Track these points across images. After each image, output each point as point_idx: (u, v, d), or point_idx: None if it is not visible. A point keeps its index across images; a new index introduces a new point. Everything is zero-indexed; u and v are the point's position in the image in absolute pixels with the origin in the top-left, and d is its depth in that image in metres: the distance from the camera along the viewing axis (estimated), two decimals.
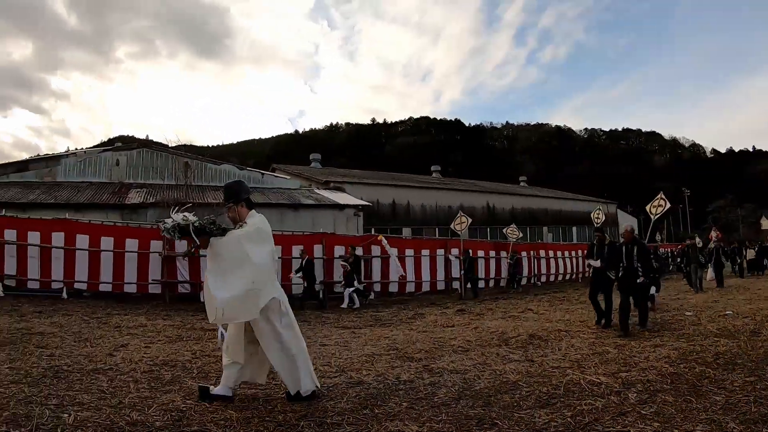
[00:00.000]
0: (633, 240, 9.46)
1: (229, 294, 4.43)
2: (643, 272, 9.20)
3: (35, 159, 28.62)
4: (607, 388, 5.28)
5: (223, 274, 4.52)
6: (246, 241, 4.57)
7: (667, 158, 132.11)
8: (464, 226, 18.99)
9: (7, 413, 4.19)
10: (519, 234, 22.13)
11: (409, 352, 7.52)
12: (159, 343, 8.11)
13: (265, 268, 4.64)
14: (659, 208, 12.79)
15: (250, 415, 4.47)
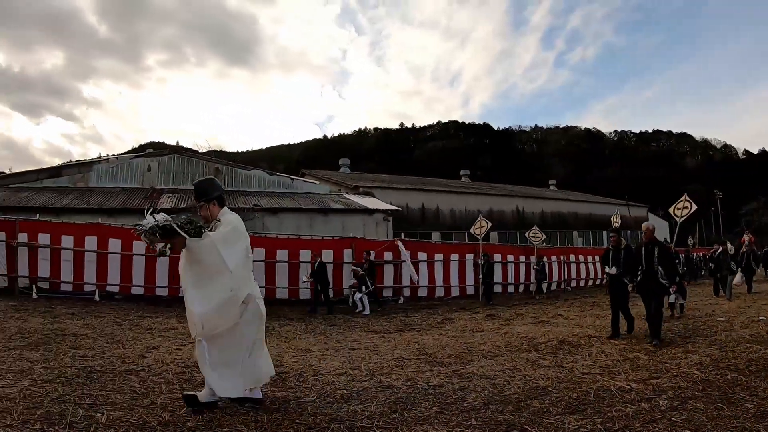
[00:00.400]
0: (653, 240, 8.90)
1: (207, 307, 4.34)
2: (665, 277, 8.56)
3: (68, 165, 29.13)
4: (638, 395, 5.20)
5: (200, 286, 4.41)
6: (222, 244, 4.43)
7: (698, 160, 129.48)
8: (484, 230, 18.77)
9: (42, 411, 4.23)
10: (542, 236, 21.67)
11: (438, 357, 7.48)
12: (190, 345, 8.12)
13: (241, 270, 4.53)
14: (684, 210, 12.40)
15: (280, 417, 4.48)
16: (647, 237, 8.94)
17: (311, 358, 7.36)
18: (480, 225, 18.90)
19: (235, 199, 23.41)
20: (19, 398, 4.54)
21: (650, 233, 8.93)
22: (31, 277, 13.53)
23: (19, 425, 3.90)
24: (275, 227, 20.94)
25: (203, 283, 4.41)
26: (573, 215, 46.19)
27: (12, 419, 3.99)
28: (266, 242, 15.94)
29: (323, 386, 5.65)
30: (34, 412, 4.21)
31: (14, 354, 6.48)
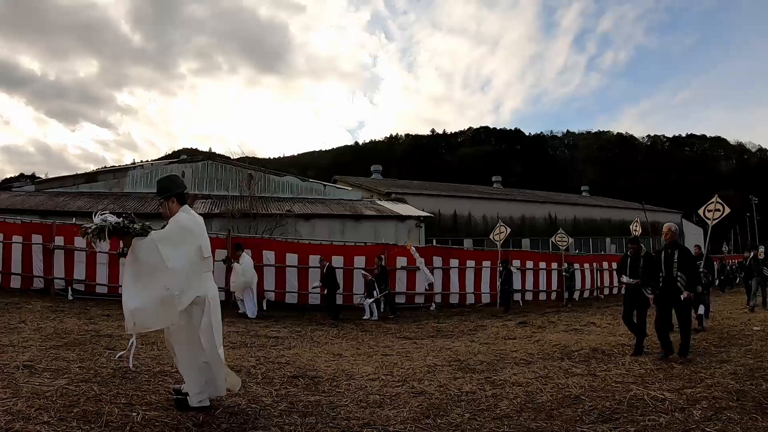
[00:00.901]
0: (674, 243, 7.99)
1: (139, 303, 4.29)
2: (686, 285, 7.56)
3: (104, 170, 29.67)
4: (672, 404, 5.08)
5: (136, 283, 4.37)
6: (163, 243, 4.37)
7: (733, 164, 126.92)
8: (503, 237, 18.52)
9: (78, 410, 4.26)
10: (569, 240, 21.38)
11: (470, 364, 7.41)
12: (224, 348, 8.16)
13: (184, 271, 4.39)
14: (716, 213, 11.64)
15: (314, 420, 4.48)
16: (668, 239, 8.12)
17: (344, 363, 7.34)
18: (499, 231, 18.67)
19: (268, 206, 23.58)
20: (56, 396, 4.58)
21: (672, 235, 8.06)
22: (67, 279, 13.79)
23: (56, 422, 3.93)
24: (308, 233, 21.01)
25: (140, 280, 4.37)
26: (606, 222, 45.54)
27: (49, 416, 4.03)
28: (299, 248, 16.01)
29: (356, 391, 5.62)
30: (70, 410, 4.24)
31: (51, 353, 6.57)
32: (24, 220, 14.86)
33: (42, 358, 6.17)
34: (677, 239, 8.22)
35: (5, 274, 13.69)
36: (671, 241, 8.03)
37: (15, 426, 3.79)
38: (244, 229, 19.31)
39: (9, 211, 17.76)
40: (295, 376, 6.22)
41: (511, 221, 35.19)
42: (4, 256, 13.80)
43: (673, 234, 8.06)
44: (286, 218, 21.60)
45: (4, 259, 13.79)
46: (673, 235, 8.05)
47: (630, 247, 9.16)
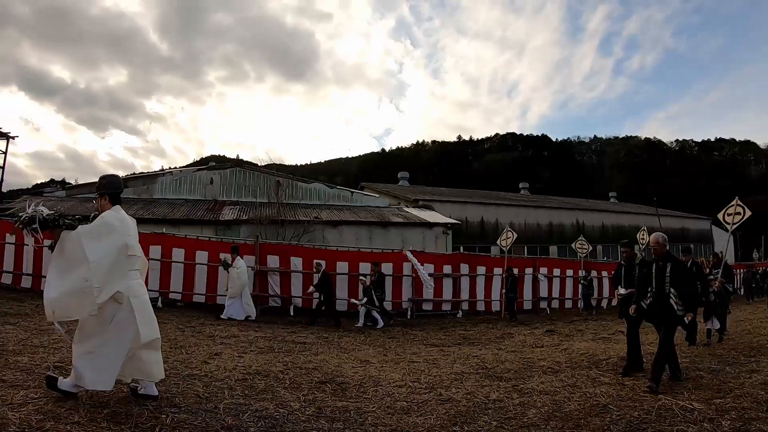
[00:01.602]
0: (666, 256, 7.07)
1: (57, 293, 4.38)
2: (680, 302, 6.61)
3: (134, 177, 30.08)
4: (700, 415, 5.02)
5: (58, 273, 4.47)
6: (86, 237, 4.47)
7: (763, 169, 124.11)
8: (509, 242, 18.24)
9: (108, 411, 4.30)
10: (588, 247, 21.08)
11: (497, 372, 7.37)
12: (251, 353, 8.23)
13: (104, 265, 4.46)
14: (736, 217, 10.94)
15: (341, 426, 4.50)
16: (657, 252, 7.20)
17: (371, 370, 7.33)
18: (506, 236, 18.49)
19: (295, 212, 23.69)
20: (86, 397, 4.62)
21: (661, 247, 7.15)
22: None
23: (86, 422, 3.97)
24: (335, 240, 21.08)
25: (62, 272, 4.47)
26: (634, 228, 44.61)
27: (79, 417, 4.07)
28: (326, 254, 16.04)
29: (383, 397, 5.61)
30: (100, 411, 4.28)
31: None
32: None
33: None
34: (669, 251, 7.31)
35: (36, 276, 13.94)
36: (661, 253, 7.14)
37: (46, 425, 3.83)
38: (272, 236, 19.42)
39: None
40: (322, 382, 6.22)
41: (538, 228, 35.06)
42: (35, 259, 14.05)
43: (662, 246, 7.19)
44: (313, 225, 21.69)
45: (35, 262, 14.04)
46: (662, 247, 7.17)
47: (623, 251, 9.19)
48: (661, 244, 7.14)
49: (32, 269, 14.00)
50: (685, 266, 7.40)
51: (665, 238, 7.25)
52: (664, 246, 7.14)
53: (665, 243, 7.17)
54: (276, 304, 15.02)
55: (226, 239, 16.37)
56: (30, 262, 14.09)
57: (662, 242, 7.15)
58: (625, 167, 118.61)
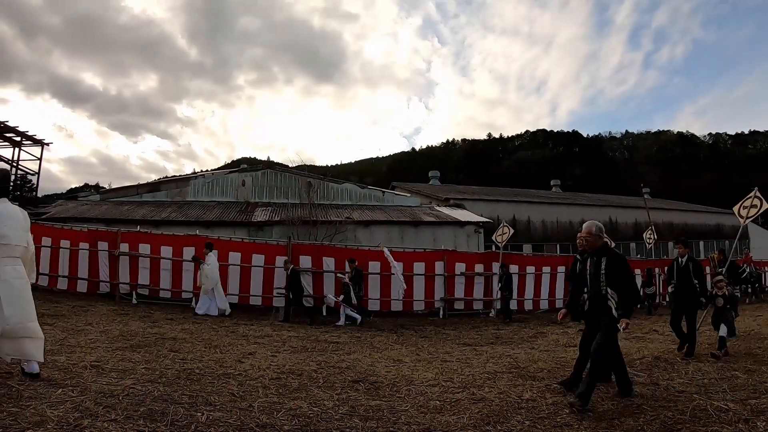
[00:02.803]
0: (601, 249, 5.94)
1: None
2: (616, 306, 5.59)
3: (166, 180, 30.50)
4: (735, 416, 4.92)
5: None
6: None
7: None
8: (505, 238, 17.57)
9: (144, 409, 4.33)
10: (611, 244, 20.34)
11: (530, 371, 7.30)
12: (285, 352, 8.25)
13: None
14: (752, 210, 10.14)
15: (374, 425, 4.49)
16: (590, 244, 6.05)
17: (404, 369, 7.30)
18: (502, 232, 17.76)
19: (327, 213, 23.75)
20: (122, 395, 4.67)
21: (593, 238, 5.98)
22: (132, 284, 14.21)
23: (122, 420, 4.01)
24: (367, 240, 21.07)
25: None
26: (668, 225, 44.16)
27: (116, 414, 4.11)
28: (358, 255, 16.04)
29: (416, 396, 5.58)
30: (137, 409, 4.32)
31: (117, 354, 6.73)
32: (90, 228, 15.42)
33: (109, 359, 6.33)
34: (607, 243, 6.16)
35: (72, 278, 14.24)
36: (594, 246, 5.96)
37: (83, 423, 3.87)
38: (304, 236, 19.51)
39: (76, 220, 18.47)
40: (355, 381, 6.21)
41: (570, 226, 34.63)
42: (71, 261, 14.34)
43: (594, 237, 5.95)
44: (345, 225, 21.72)
45: (71, 264, 14.33)
46: (596, 239, 5.95)
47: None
48: (594, 236, 5.96)
49: (68, 271, 14.28)
50: (623, 262, 5.89)
51: (600, 227, 6.00)
52: (597, 238, 5.96)
53: (600, 234, 5.96)
54: (308, 304, 15.06)
55: (258, 240, 16.46)
56: (66, 264, 14.39)
57: (595, 233, 5.95)
58: (658, 162, 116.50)
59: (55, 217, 18.94)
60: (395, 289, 15.71)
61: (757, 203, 10.24)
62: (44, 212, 20.48)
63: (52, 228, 15.10)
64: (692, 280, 8.73)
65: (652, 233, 20.78)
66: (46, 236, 14.44)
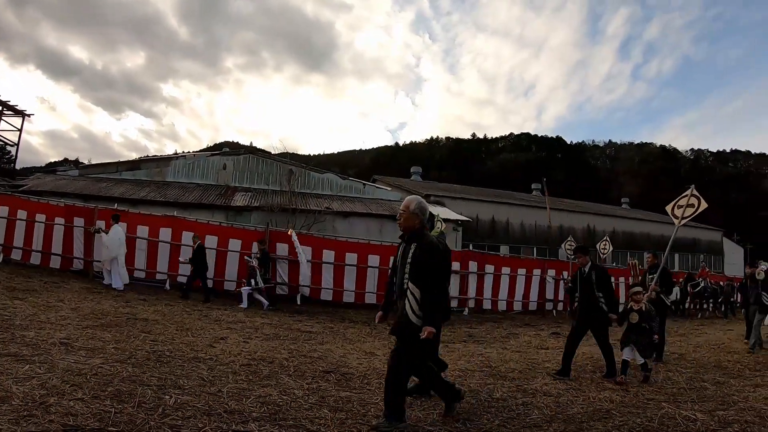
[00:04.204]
0: (414, 233, 4.59)
1: None
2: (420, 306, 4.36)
3: (147, 159, 30.13)
4: (703, 425, 4.98)
5: None
6: None
7: None
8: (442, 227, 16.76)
9: (112, 389, 4.30)
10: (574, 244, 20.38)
11: (502, 371, 7.37)
12: (257, 339, 8.23)
13: None
14: (689, 210, 8.79)
15: (344, 416, 4.49)
16: (406, 224, 4.64)
17: (375, 362, 7.32)
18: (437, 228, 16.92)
19: (307, 202, 23.66)
20: (90, 374, 4.64)
21: (409, 217, 4.58)
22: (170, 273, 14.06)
23: (89, 400, 3.98)
24: (345, 231, 20.99)
25: None
26: (645, 236, 44.66)
27: (83, 393, 4.08)
28: (336, 245, 16.00)
29: None
30: (104, 389, 4.29)
31: (87, 333, 6.68)
32: (67, 203, 15.17)
33: (78, 337, 6.28)
34: (424, 226, 4.69)
35: (46, 253, 14.04)
36: (410, 227, 4.61)
37: (49, 401, 3.84)
38: (283, 224, 19.40)
39: (53, 194, 18.17)
40: (326, 371, 6.22)
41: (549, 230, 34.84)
42: (45, 236, 14.13)
43: (412, 216, 4.58)
44: (324, 215, 21.65)
45: (45, 239, 14.12)
46: (413, 219, 4.58)
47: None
48: (411, 213, 4.57)
49: (42, 246, 14.08)
50: (437, 253, 4.51)
51: (420, 206, 4.62)
52: (414, 216, 4.57)
53: (418, 213, 4.58)
54: (283, 292, 15.00)
55: (236, 225, 16.35)
56: (40, 238, 14.18)
57: (413, 210, 4.57)
58: (639, 174, 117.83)
59: (32, 190, 18.62)
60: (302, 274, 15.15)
61: (694, 202, 8.88)
62: (21, 185, 20.16)
63: (28, 201, 14.81)
64: (595, 293, 7.52)
65: (607, 243, 20.90)
66: (22, 209, 14.22)
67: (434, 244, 4.53)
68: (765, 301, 11.01)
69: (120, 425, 3.59)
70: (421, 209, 4.58)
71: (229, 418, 4.04)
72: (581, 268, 7.86)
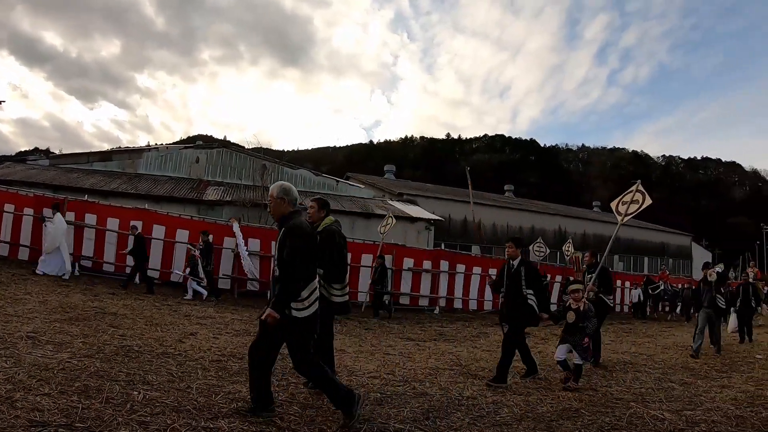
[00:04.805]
0: (284, 218, 4.34)
1: None
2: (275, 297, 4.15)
3: (119, 150, 29.84)
4: (671, 425, 5.06)
5: None
6: None
7: (746, 191, 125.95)
8: (387, 228, 16.14)
9: (79, 384, 4.26)
10: (546, 251, 20.54)
11: (472, 370, 7.42)
12: (227, 335, 8.19)
13: None
14: (632, 206, 8.32)
15: (314, 413, 4.47)
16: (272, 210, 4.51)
17: (346, 359, 7.32)
18: (386, 223, 16.27)
19: None
20: (57, 369, 4.59)
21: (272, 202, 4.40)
22: (75, 254, 13.77)
23: (56, 395, 3.93)
24: None
25: None
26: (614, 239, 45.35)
27: (50, 389, 4.03)
28: None
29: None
30: (72, 384, 4.25)
31: (55, 326, 6.59)
32: (36, 194, 14.91)
33: (46, 331, 6.20)
34: (292, 211, 4.40)
35: (14, 245, 13.79)
36: (278, 214, 4.42)
37: (15, 396, 3.79)
38: (255, 219, 19.34)
39: (22, 184, 17.89)
40: None
41: (520, 231, 35.20)
42: (14, 227, 13.87)
43: (276, 202, 4.39)
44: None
45: (14, 230, 13.86)
46: (277, 204, 4.38)
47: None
48: (277, 199, 4.37)
49: (10, 237, 13.84)
50: (298, 237, 4.21)
51: (285, 189, 4.39)
52: (280, 202, 4.36)
53: (284, 197, 4.36)
54: (254, 288, 14.94)
55: (208, 219, 16.24)
56: (8, 229, 13.92)
57: (277, 196, 4.37)
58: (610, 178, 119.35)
59: (2, 179, 18.30)
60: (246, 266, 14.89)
61: (638, 198, 8.37)
62: None
63: None
64: (522, 290, 6.94)
65: (569, 245, 21.19)
66: None
67: (296, 226, 4.25)
68: (720, 303, 10.83)
69: (87, 421, 3.55)
70: (285, 191, 4.36)
71: (198, 414, 4.02)
72: (509, 262, 7.20)
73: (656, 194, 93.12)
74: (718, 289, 10.75)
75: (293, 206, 4.36)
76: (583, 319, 6.83)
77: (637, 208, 8.20)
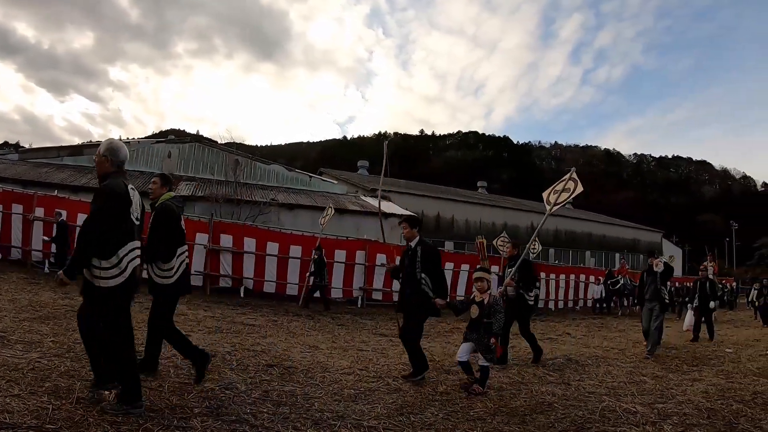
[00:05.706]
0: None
1: None
2: None
3: (90, 144, 29.35)
4: (643, 418, 5.16)
5: None
6: None
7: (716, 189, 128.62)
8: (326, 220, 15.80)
9: (49, 384, 4.22)
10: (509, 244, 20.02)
11: (446, 365, 7.44)
12: (199, 333, 8.14)
13: None
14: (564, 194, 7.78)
15: (287, 410, 4.48)
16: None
17: (319, 356, 7.33)
18: (325, 214, 15.92)
19: (252, 193, 23.45)
20: (27, 369, 4.54)
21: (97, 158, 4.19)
22: (45, 251, 13.60)
23: (26, 396, 3.89)
24: (290, 223, 20.87)
25: None
26: (587, 235, 45.97)
27: (20, 389, 3.99)
28: (280, 237, 15.93)
29: (331, 384, 5.62)
30: (41, 384, 4.21)
31: (24, 325, 6.51)
32: (5, 189, 14.65)
33: (15, 330, 6.11)
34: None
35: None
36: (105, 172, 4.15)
37: None
38: (227, 215, 19.21)
39: None
40: (270, 365, 6.20)
41: (493, 227, 35.43)
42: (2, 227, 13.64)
43: (100, 159, 4.15)
44: (269, 206, 21.48)
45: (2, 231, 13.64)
46: (101, 161, 4.15)
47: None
48: (102, 157, 4.13)
49: None
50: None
51: (110, 146, 4.18)
52: (105, 160, 4.12)
53: (108, 155, 4.12)
54: (227, 284, 14.88)
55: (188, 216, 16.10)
56: None
57: (104, 153, 4.13)
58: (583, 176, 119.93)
59: None
60: None
61: (570, 186, 7.81)
62: None
63: None
64: (417, 274, 6.29)
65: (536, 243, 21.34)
66: None
67: (106, 185, 4.01)
68: (665, 296, 10.01)
69: (58, 422, 3.52)
70: (110, 151, 4.10)
71: (170, 413, 4.00)
72: (408, 244, 6.64)
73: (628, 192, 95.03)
74: (663, 281, 10.00)
75: (116, 168, 4.11)
76: (488, 315, 6.04)
77: (568, 197, 7.68)
